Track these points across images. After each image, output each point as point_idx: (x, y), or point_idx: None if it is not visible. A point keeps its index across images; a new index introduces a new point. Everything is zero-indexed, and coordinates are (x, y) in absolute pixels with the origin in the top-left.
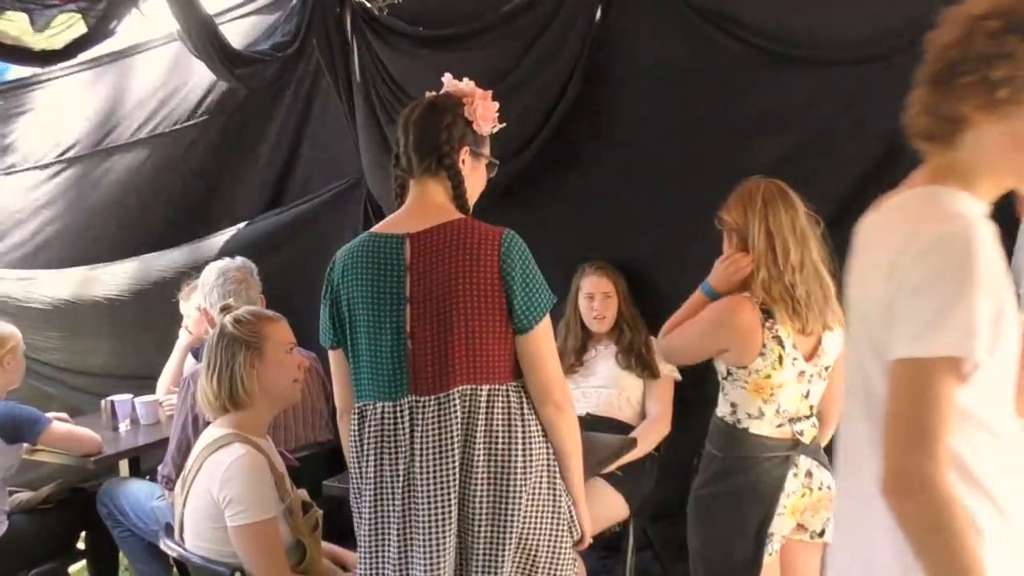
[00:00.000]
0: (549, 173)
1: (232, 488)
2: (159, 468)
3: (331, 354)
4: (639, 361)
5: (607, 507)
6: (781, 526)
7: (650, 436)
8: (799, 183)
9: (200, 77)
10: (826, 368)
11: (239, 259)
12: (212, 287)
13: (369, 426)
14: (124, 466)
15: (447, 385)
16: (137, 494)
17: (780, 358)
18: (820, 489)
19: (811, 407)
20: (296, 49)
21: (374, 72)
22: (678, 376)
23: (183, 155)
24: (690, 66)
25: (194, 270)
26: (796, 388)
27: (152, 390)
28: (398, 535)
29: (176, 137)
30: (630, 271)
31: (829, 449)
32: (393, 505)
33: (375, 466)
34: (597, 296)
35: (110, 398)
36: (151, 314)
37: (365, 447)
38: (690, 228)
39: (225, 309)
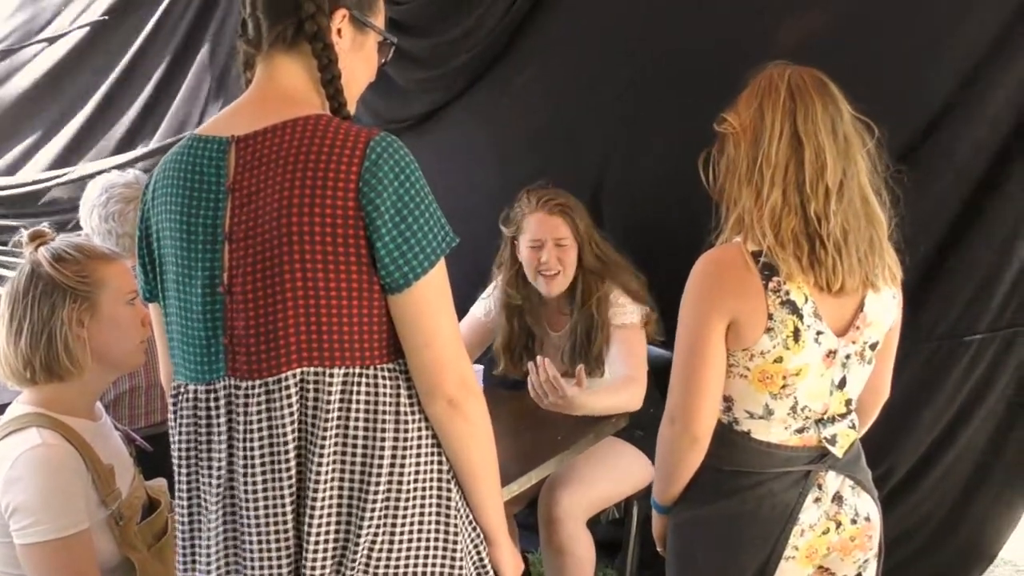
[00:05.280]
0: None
1: (18, 492)
2: None
3: (150, 309)
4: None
5: (630, 471)
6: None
7: (624, 393)
8: None
9: None
10: (871, 346)
11: (131, 172)
12: (93, 207)
13: (181, 416)
14: None
15: (278, 366)
16: None
17: (796, 332)
18: (854, 523)
19: (847, 402)
20: None
21: None
22: (636, 320)
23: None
24: None
25: None
26: (823, 376)
27: None
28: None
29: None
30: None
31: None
32: (208, 531)
33: (187, 473)
34: (547, 244)
35: None
36: None
37: (179, 444)
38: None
39: (37, 238)
